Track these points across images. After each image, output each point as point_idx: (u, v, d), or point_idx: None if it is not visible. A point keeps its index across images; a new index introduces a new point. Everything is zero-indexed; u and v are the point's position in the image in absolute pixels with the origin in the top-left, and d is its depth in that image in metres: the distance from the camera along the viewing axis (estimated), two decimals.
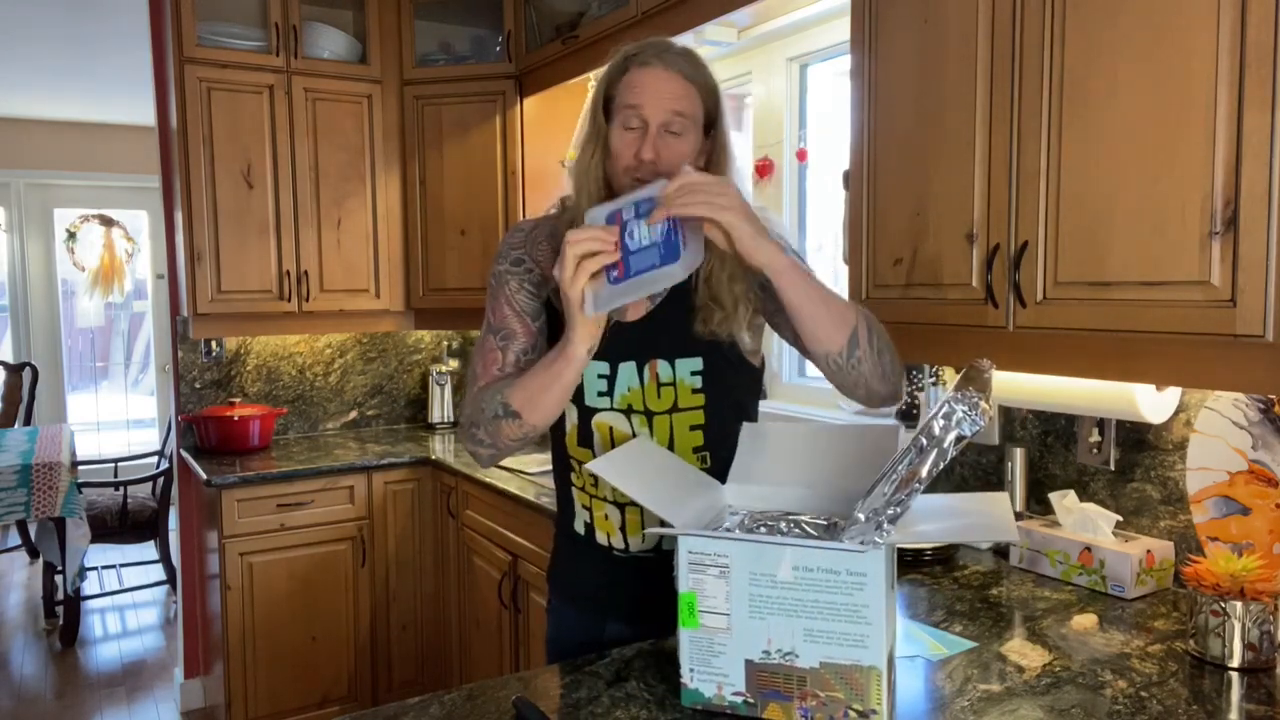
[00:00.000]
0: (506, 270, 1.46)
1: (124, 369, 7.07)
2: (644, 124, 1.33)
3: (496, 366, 1.43)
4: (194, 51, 3.00)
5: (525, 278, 1.45)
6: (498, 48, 3.32)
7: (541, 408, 1.33)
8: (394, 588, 3.15)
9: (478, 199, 3.28)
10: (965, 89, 1.54)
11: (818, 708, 1.09)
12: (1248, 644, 1.30)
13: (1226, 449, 1.60)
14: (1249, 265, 1.18)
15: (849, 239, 1.84)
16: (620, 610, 1.50)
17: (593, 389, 1.43)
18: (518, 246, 1.48)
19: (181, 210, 3.06)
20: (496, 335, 1.45)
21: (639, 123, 1.33)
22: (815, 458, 1.31)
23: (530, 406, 1.33)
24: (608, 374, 1.42)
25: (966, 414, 1.02)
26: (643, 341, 1.41)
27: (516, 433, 1.36)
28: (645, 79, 1.33)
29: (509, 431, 1.36)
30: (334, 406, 3.65)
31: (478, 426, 1.39)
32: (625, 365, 1.41)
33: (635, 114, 1.33)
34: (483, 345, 1.46)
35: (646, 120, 1.33)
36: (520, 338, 1.44)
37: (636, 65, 1.35)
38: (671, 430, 1.42)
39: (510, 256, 1.47)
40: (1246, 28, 1.16)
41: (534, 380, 1.32)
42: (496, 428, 1.36)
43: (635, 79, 1.34)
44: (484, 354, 1.45)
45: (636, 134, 1.34)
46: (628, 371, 1.42)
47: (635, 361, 1.41)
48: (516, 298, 1.45)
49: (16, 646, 4.15)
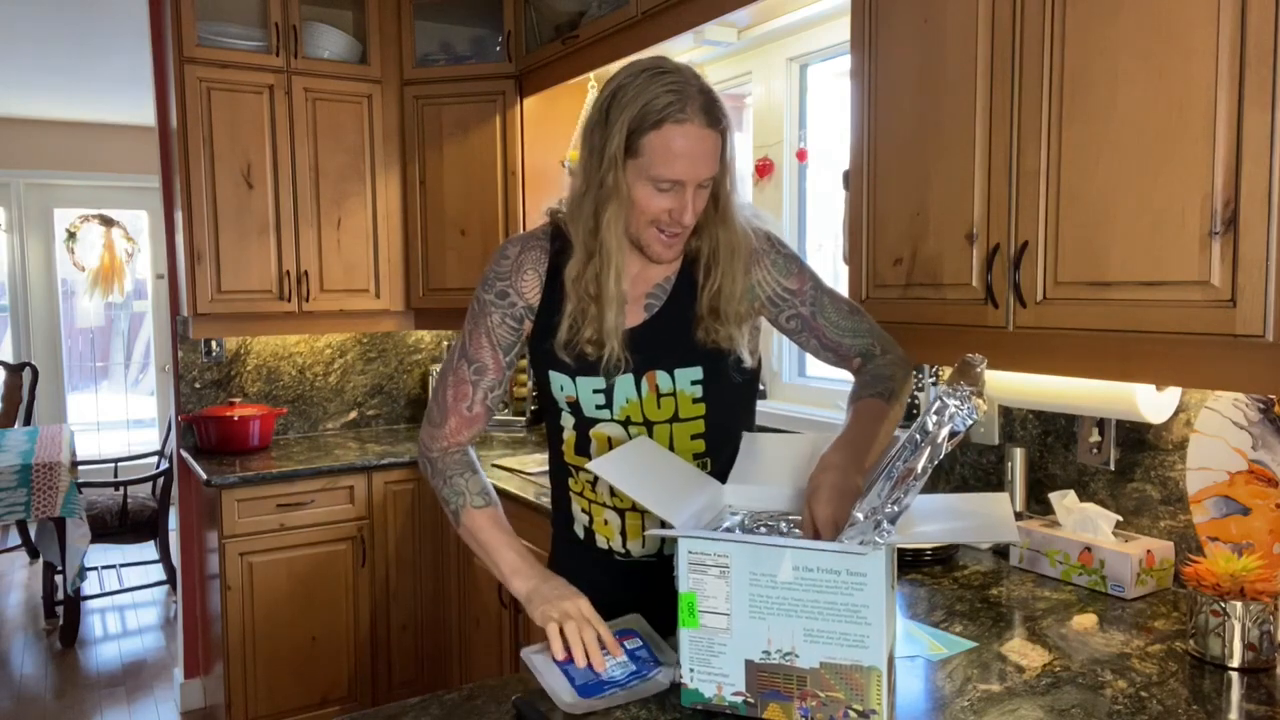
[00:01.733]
0: (491, 301, 1.43)
1: (124, 369, 7.07)
2: (679, 185, 1.28)
3: (465, 404, 1.45)
4: (194, 51, 3.00)
5: (508, 312, 1.43)
6: (498, 48, 3.32)
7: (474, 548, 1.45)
8: (394, 588, 3.15)
9: (478, 199, 3.28)
10: (965, 89, 1.54)
11: (818, 708, 1.09)
12: (1248, 644, 1.30)
13: (1226, 449, 1.60)
14: (1249, 265, 1.18)
15: (849, 239, 1.84)
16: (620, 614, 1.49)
17: (590, 403, 1.42)
18: (504, 277, 1.43)
19: (181, 210, 3.06)
20: (470, 366, 1.44)
21: (672, 185, 1.28)
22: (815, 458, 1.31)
23: (471, 541, 1.44)
24: (603, 388, 1.41)
25: (959, 408, 1.02)
26: (638, 353, 1.39)
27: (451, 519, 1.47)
28: (683, 143, 1.25)
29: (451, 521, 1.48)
30: (334, 406, 3.65)
31: (435, 480, 1.49)
32: (622, 379, 1.40)
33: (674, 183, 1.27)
34: (456, 370, 1.45)
35: (684, 183, 1.28)
36: (491, 374, 1.44)
37: (672, 123, 1.24)
38: (672, 439, 1.42)
39: (495, 288, 1.43)
40: (1246, 28, 1.16)
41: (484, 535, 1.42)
42: (445, 507, 1.47)
43: (672, 142, 1.24)
44: (456, 383, 1.45)
45: (670, 194, 1.28)
46: (625, 384, 1.40)
47: (632, 375, 1.39)
48: (497, 331, 1.43)
49: (16, 646, 4.15)
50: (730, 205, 1.36)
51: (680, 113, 1.24)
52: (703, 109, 1.25)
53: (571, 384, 1.42)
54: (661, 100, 1.24)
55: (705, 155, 1.27)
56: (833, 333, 1.43)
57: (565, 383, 1.43)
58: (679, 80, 1.26)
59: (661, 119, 1.24)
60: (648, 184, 1.28)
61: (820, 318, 1.43)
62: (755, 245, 1.40)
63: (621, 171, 1.28)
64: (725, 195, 1.35)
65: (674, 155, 1.25)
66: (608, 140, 1.27)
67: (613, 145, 1.27)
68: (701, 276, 1.38)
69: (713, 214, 1.36)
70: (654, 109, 1.24)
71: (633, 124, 1.25)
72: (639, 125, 1.25)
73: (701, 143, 1.26)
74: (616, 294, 1.33)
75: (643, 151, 1.26)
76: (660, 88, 1.25)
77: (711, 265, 1.37)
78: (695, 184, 1.28)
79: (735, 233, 1.36)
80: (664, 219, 1.30)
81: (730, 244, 1.36)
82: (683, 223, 1.30)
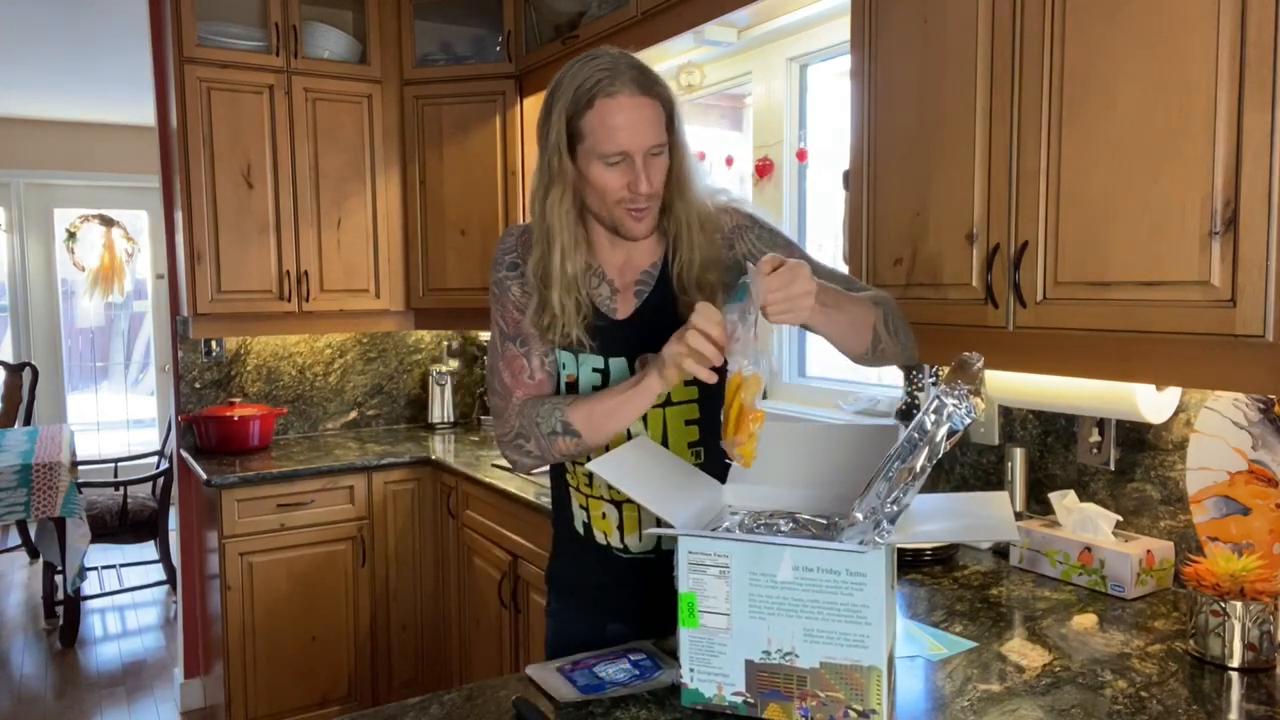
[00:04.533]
0: (505, 276, 1.46)
1: (124, 369, 7.07)
2: (628, 157, 1.30)
3: (526, 374, 1.44)
4: (194, 51, 3.00)
5: (523, 282, 1.45)
6: (498, 48, 3.32)
7: (603, 430, 1.34)
8: (394, 588, 3.15)
9: (478, 199, 3.28)
10: (965, 89, 1.54)
11: (818, 708, 1.09)
12: (1248, 644, 1.30)
13: (1226, 449, 1.60)
14: (1249, 265, 1.18)
15: (849, 239, 1.84)
16: (621, 611, 1.50)
17: (587, 384, 1.44)
18: (510, 250, 1.47)
19: (181, 210, 3.06)
20: (515, 342, 1.45)
21: (621, 157, 1.30)
22: (815, 458, 1.31)
23: (592, 428, 1.34)
24: (601, 367, 1.43)
25: (957, 407, 1.02)
26: (631, 338, 1.41)
27: (571, 449, 1.37)
28: (619, 115, 1.28)
29: (564, 447, 1.37)
30: (334, 406, 3.65)
31: (527, 439, 1.40)
32: (616, 361, 1.42)
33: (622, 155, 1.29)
34: (504, 353, 1.46)
35: (633, 154, 1.30)
36: (537, 341, 1.44)
37: (603, 97, 1.28)
38: (665, 425, 1.43)
39: (505, 262, 1.47)
40: (1246, 28, 1.16)
41: (600, 404, 1.33)
42: (552, 443, 1.37)
43: (608, 116, 1.28)
44: (509, 361, 1.45)
45: (621, 167, 1.30)
46: (618, 367, 1.42)
47: (626, 358, 1.42)
48: (522, 301, 1.45)
49: (16, 646, 4.15)
50: (685, 177, 1.38)
51: (610, 86, 1.28)
52: (633, 80, 1.29)
53: (574, 361, 1.44)
54: (591, 79, 1.29)
55: (644, 123, 1.29)
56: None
57: (568, 360, 1.45)
58: (608, 59, 1.31)
59: (593, 96, 1.28)
60: (599, 163, 1.31)
61: None
62: (731, 221, 1.42)
63: (567, 158, 1.32)
64: (678, 167, 1.37)
65: (611, 128, 1.28)
66: (549, 130, 1.33)
67: (553, 133, 1.32)
68: (672, 254, 1.41)
69: (673, 189, 1.38)
70: (584, 89, 1.29)
71: (569, 109, 1.30)
72: (575, 109, 1.29)
73: (637, 110, 1.28)
74: (561, 276, 1.36)
75: (585, 133, 1.30)
76: (590, 70, 1.30)
77: (677, 241, 1.39)
78: (642, 153, 1.30)
79: (691, 204, 1.38)
80: (625, 195, 1.32)
81: (686, 216, 1.38)
82: (640, 192, 1.31)
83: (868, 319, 1.31)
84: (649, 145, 1.30)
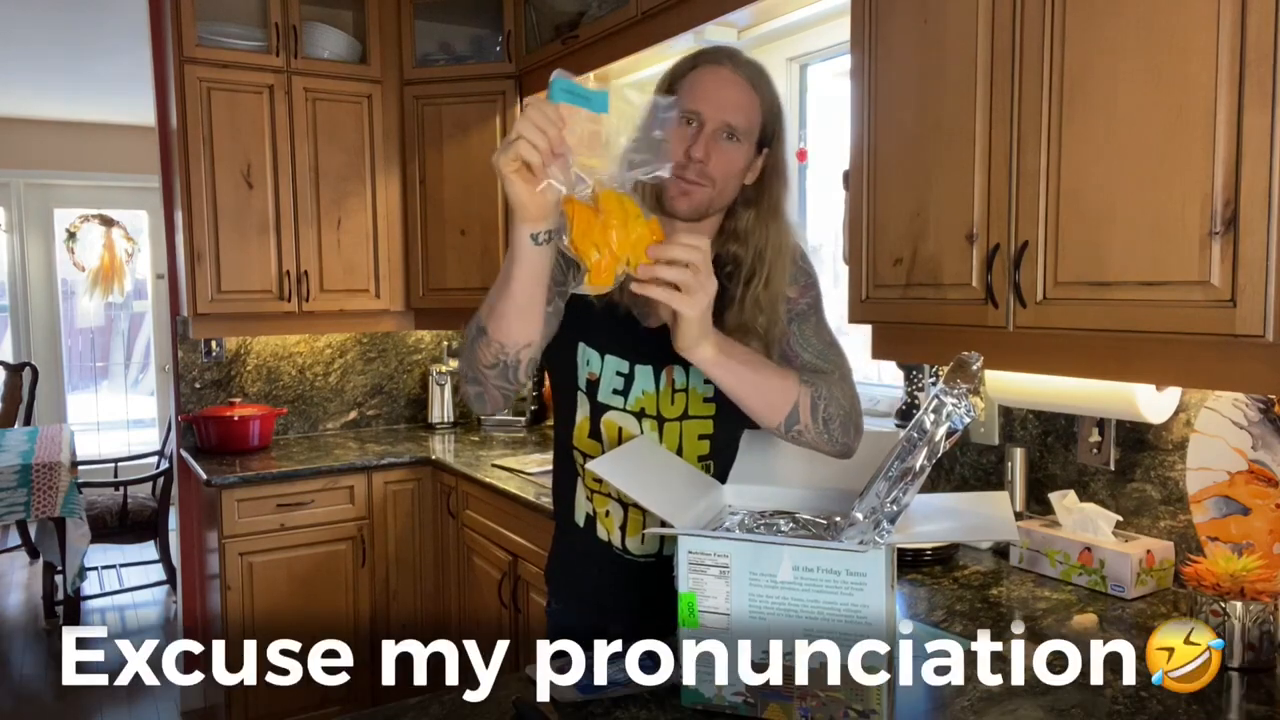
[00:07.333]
0: None
1: (124, 369, 7.07)
2: (700, 123, 1.30)
3: None
4: (194, 51, 2.99)
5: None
6: (498, 48, 3.32)
7: (503, 317, 1.20)
8: (394, 588, 3.15)
9: (478, 199, 3.28)
10: (965, 89, 1.54)
11: (818, 708, 1.09)
12: (1248, 644, 1.30)
13: (1226, 449, 1.60)
14: (1249, 265, 1.18)
15: (849, 239, 1.84)
16: (621, 612, 1.49)
17: (608, 386, 1.42)
18: None
19: (181, 210, 3.06)
20: None
21: (695, 122, 1.30)
22: (815, 461, 1.31)
23: (494, 317, 1.21)
24: (626, 372, 1.41)
25: (956, 406, 1.02)
26: (661, 347, 1.36)
27: (488, 356, 1.24)
28: (709, 80, 1.31)
29: (482, 355, 1.25)
30: (334, 406, 3.65)
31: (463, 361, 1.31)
32: (642, 368, 1.41)
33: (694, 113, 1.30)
34: None
35: (704, 120, 1.30)
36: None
37: (706, 62, 1.32)
38: (681, 438, 1.42)
39: None
40: (1246, 28, 1.16)
41: (494, 289, 1.22)
42: (473, 353, 1.26)
43: (701, 77, 1.31)
44: None
45: (690, 130, 1.30)
46: (644, 375, 1.41)
47: (652, 366, 1.40)
48: None
49: (16, 646, 4.15)
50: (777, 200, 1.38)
51: (719, 57, 1.33)
52: (744, 65, 1.33)
53: (599, 360, 1.42)
54: (709, 51, 1.35)
55: (731, 99, 1.30)
56: (797, 343, 1.39)
57: (593, 357, 1.42)
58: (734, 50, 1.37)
59: (699, 60, 1.34)
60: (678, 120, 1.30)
61: (795, 326, 1.39)
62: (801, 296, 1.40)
63: None
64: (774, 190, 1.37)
65: (699, 88, 1.30)
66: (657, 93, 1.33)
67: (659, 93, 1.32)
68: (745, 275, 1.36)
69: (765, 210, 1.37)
70: (698, 55, 1.35)
71: (677, 69, 1.34)
72: (680, 70, 1.34)
73: (733, 85, 1.31)
74: None
75: (679, 91, 1.31)
76: (712, 47, 1.37)
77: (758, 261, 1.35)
78: (715, 124, 1.29)
79: (785, 234, 1.37)
80: (681, 159, 1.28)
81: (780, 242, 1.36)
82: (694, 157, 1.28)
83: (786, 394, 1.26)
84: (724, 119, 1.29)
